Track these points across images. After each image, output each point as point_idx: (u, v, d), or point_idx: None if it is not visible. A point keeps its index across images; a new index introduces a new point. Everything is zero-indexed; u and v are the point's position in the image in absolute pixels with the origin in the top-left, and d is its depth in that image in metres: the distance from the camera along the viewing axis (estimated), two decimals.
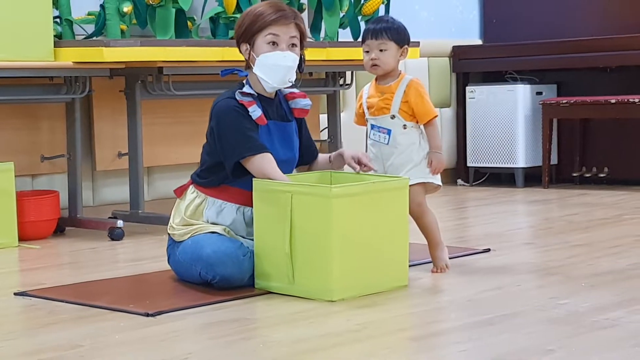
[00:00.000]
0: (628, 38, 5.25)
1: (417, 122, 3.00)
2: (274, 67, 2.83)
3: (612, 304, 2.55)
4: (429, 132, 3.01)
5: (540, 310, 2.51)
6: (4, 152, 4.04)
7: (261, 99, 2.88)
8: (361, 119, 3.09)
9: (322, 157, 3.06)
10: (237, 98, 2.82)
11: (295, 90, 2.97)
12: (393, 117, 2.99)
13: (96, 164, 4.33)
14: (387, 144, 2.99)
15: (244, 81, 2.91)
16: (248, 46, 2.86)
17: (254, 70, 2.86)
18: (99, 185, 4.40)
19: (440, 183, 3.06)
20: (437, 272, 3.00)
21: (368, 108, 3.04)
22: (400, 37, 3.01)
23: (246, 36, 2.86)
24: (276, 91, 2.94)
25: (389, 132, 2.99)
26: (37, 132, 4.18)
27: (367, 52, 3.01)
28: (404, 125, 2.98)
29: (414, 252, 2.97)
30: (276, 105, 2.93)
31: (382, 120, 3.00)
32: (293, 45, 2.86)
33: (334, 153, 3.06)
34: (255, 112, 2.81)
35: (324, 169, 3.02)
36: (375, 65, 2.99)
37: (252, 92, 2.86)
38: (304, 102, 2.96)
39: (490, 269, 3.12)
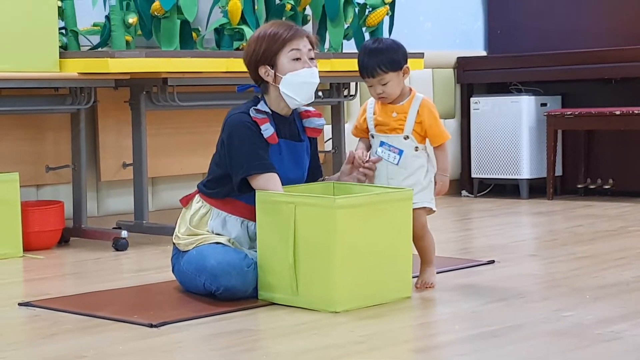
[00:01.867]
0: (633, 50, 5.25)
1: (426, 144, 2.94)
2: (304, 85, 2.84)
3: (616, 317, 2.55)
4: (439, 155, 2.95)
5: (545, 322, 2.51)
6: (9, 162, 4.05)
7: (275, 117, 2.88)
8: (361, 133, 3.01)
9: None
10: (251, 114, 2.83)
11: (310, 108, 2.98)
12: (406, 137, 2.91)
13: (101, 174, 4.34)
14: (397, 164, 2.91)
15: (259, 96, 2.91)
16: (269, 68, 2.86)
17: (281, 90, 2.85)
18: (103, 195, 4.41)
19: (435, 208, 3.02)
20: (420, 288, 2.93)
21: (376, 125, 2.95)
22: (396, 63, 2.89)
23: (266, 58, 2.84)
24: (292, 110, 2.94)
25: (400, 152, 2.91)
26: (42, 143, 4.19)
27: (370, 86, 2.92)
28: (416, 147, 2.91)
29: (417, 264, 2.96)
30: (289, 123, 2.93)
31: (395, 139, 2.91)
32: (311, 59, 2.87)
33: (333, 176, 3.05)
34: (268, 130, 2.82)
35: None
36: (383, 97, 2.91)
37: (267, 109, 2.86)
38: (318, 122, 2.96)
39: (494, 280, 3.11)
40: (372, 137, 2.98)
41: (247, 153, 2.79)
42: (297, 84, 2.85)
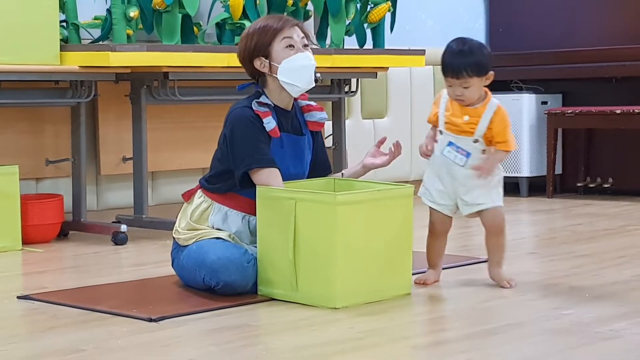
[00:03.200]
0: (634, 49, 5.25)
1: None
2: (301, 69, 2.84)
3: (616, 315, 2.55)
4: (498, 158, 2.89)
5: (544, 320, 2.51)
6: (9, 155, 4.04)
7: (277, 111, 2.88)
8: (434, 123, 2.94)
9: (335, 175, 3.06)
10: (254, 108, 2.82)
11: (312, 102, 2.97)
12: (476, 141, 2.87)
13: (100, 168, 4.33)
14: (463, 166, 2.87)
15: (260, 91, 2.91)
16: (264, 59, 2.86)
17: (279, 79, 2.85)
18: (103, 189, 4.40)
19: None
20: (506, 285, 2.90)
21: (446, 123, 2.89)
22: (483, 68, 2.84)
23: (260, 50, 2.85)
24: (293, 103, 2.93)
25: (468, 154, 2.86)
26: (42, 136, 4.18)
27: (450, 86, 2.86)
28: (484, 150, 2.87)
29: (417, 261, 2.96)
30: (292, 117, 2.93)
31: (464, 141, 2.87)
32: (305, 45, 2.87)
33: (349, 169, 3.04)
34: (270, 123, 2.81)
35: None
36: (460, 99, 2.87)
37: (269, 102, 2.86)
38: (320, 116, 2.96)
39: None
40: (440, 132, 2.91)
41: (249, 148, 2.78)
42: (294, 69, 2.84)
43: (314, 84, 2.88)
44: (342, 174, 3.05)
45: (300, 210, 2.66)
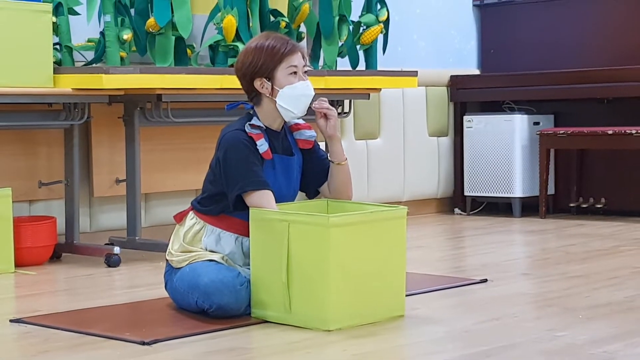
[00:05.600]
0: (625, 70, 5.28)
1: None
2: (301, 97, 2.87)
3: (609, 337, 2.55)
4: None
5: (538, 342, 2.51)
6: (2, 177, 4.04)
7: (268, 132, 2.89)
8: None
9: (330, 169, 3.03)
10: (247, 130, 2.84)
11: (300, 121, 2.99)
12: None
13: (94, 190, 4.33)
14: None
15: (251, 112, 2.92)
16: (266, 80, 2.87)
17: (277, 102, 2.87)
18: (96, 211, 4.39)
19: None
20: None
21: None
22: None
23: (264, 71, 2.86)
24: (283, 124, 2.95)
25: None
26: (35, 158, 4.18)
27: None
28: None
29: (410, 282, 2.96)
30: (282, 138, 2.95)
31: None
32: (305, 72, 2.90)
33: (330, 152, 3.01)
34: (263, 145, 2.83)
35: (336, 173, 2.98)
36: None
37: (261, 124, 2.88)
38: (309, 134, 2.98)
39: (488, 299, 3.11)
40: None
41: (243, 170, 2.79)
42: (294, 96, 2.86)
43: (305, 113, 2.91)
44: (331, 161, 3.01)
45: (293, 233, 2.66)
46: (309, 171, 3.00)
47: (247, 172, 2.79)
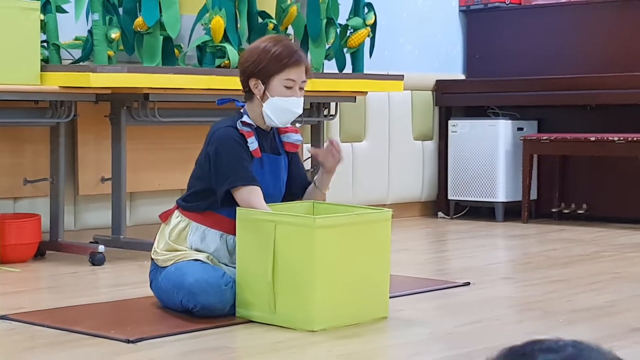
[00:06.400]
0: (609, 77, 5.34)
1: None
2: (286, 112, 2.88)
3: (589, 340, 2.57)
4: None
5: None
6: None
7: (258, 131, 2.92)
8: None
9: (309, 187, 3.08)
10: (238, 127, 2.86)
11: (288, 124, 3.01)
12: None
13: (79, 188, 4.33)
14: None
15: (242, 110, 2.94)
16: (260, 83, 2.88)
17: (264, 107, 2.89)
18: (81, 209, 4.39)
19: None
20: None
21: None
22: None
23: (262, 74, 2.87)
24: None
25: None
26: (21, 155, 4.17)
27: None
28: None
29: (394, 284, 2.98)
30: (270, 138, 2.97)
31: None
32: (301, 89, 2.91)
33: (317, 178, 3.06)
34: (253, 143, 2.86)
35: (314, 195, 3.03)
36: None
37: (251, 122, 2.90)
38: (295, 137, 3.00)
39: (470, 302, 3.14)
40: None
41: (234, 166, 2.81)
42: (280, 108, 2.88)
43: (288, 125, 2.93)
44: (314, 183, 3.06)
45: (279, 233, 2.68)
46: (288, 178, 3.02)
47: (238, 167, 2.81)
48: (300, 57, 2.88)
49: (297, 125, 2.95)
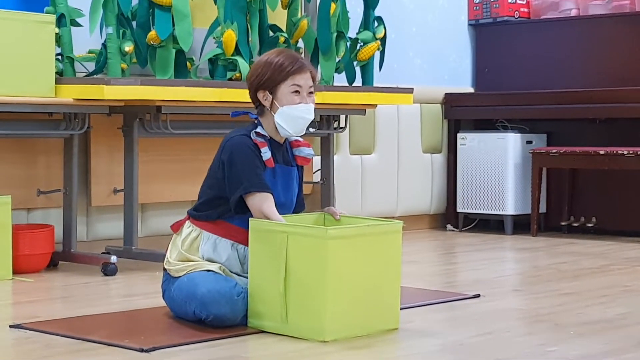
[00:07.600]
0: (618, 91, 5.35)
1: None
2: (298, 119, 2.92)
3: (600, 353, 2.59)
4: None
5: (529, 356, 2.55)
6: (1, 185, 4.07)
7: (271, 143, 2.95)
8: None
9: None
10: (252, 137, 2.90)
11: (299, 138, 3.05)
12: None
13: (91, 199, 4.37)
14: None
15: (256, 122, 2.98)
16: (267, 93, 2.93)
17: (275, 118, 2.93)
18: (93, 220, 4.43)
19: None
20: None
21: None
22: None
23: (267, 85, 2.92)
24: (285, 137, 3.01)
25: None
26: (34, 167, 4.22)
27: None
28: None
29: (404, 296, 3.00)
30: (283, 150, 3.01)
31: None
32: (310, 93, 2.94)
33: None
34: (266, 153, 2.90)
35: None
36: None
37: (265, 134, 2.94)
38: (307, 152, 3.03)
39: (480, 314, 3.16)
40: None
41: (247, 173, 2.85)
42: (292, 117, 2.92)
43: (303, 133, 2.97)
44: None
45: (292, 244, 2.71)
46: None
47: (251, 174, 2.85)
48: (303, 63, 2.93)
49: (311, 130, 2.97)
